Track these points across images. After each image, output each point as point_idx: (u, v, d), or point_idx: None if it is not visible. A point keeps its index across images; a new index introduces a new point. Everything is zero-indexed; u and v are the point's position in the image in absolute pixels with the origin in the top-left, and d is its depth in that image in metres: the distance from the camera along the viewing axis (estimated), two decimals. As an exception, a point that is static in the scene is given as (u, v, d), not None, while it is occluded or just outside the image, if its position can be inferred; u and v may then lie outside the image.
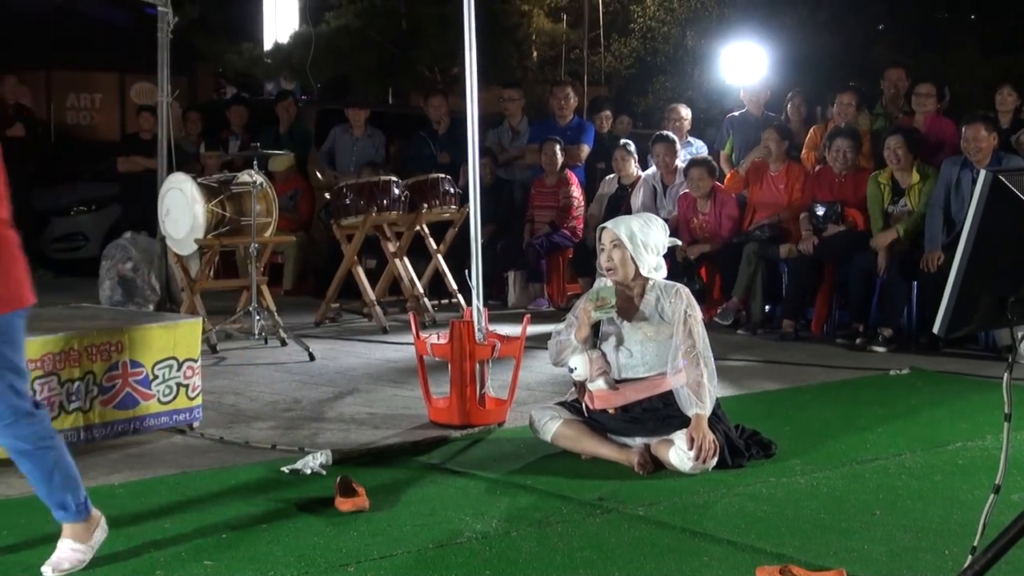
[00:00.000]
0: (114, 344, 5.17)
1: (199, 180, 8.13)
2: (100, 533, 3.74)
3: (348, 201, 9.02)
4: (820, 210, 8.79)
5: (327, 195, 10.11)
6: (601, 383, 5.08)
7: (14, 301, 3.53)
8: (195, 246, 8.08)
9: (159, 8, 9.14)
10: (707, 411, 4.90)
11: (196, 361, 5.50)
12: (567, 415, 5.18)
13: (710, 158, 9.78)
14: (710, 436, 4.84)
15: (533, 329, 6.39)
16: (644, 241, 5.06)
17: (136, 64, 15.41)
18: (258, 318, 7.96)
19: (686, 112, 10.89)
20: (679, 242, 6.09)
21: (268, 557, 3.78)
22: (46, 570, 3.61)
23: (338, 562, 3.75)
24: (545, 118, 11.51)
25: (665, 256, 5.20)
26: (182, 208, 7.98)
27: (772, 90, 10.77)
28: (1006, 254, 2.97)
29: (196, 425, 5.56)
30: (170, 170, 8.93)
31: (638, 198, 10.04)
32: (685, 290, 5.12)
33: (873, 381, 7.17)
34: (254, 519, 4.20)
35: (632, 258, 5.04)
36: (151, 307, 9.03)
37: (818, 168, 9.29)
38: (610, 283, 5.12)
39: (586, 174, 11.06)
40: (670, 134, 10.20)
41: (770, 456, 5.11)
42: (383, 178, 9.25)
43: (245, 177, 8.07)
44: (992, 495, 3.09)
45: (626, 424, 5.05)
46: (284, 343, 8.00)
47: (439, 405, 5.88)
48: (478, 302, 5.89)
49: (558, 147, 10.59)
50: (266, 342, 8.06)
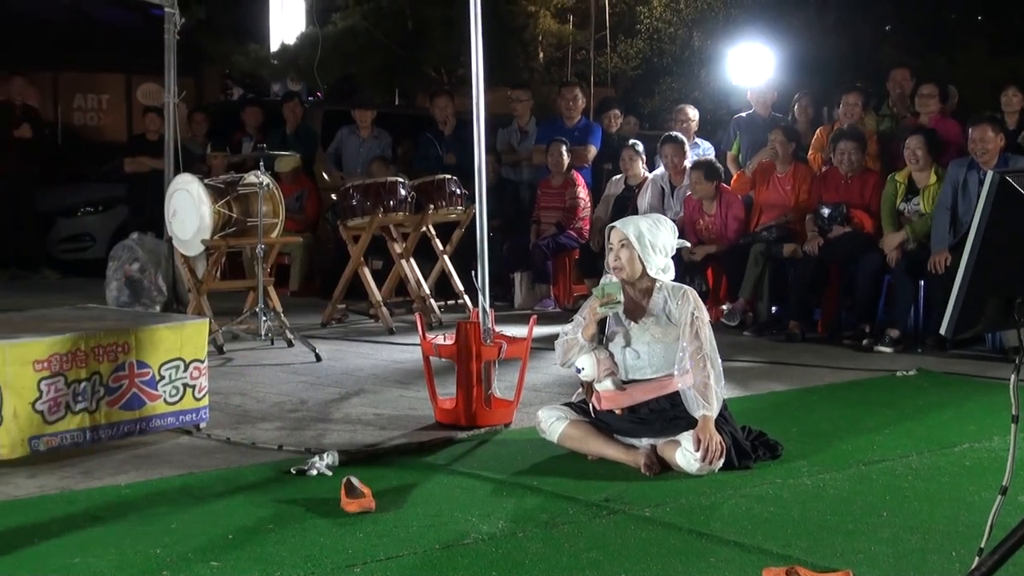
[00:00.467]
0: (121, 345, 5.18)
1: (206, 181, 8.13)
2: None
3: (354, 202, 9.02)
4: (825, 211, 8.78)
5: (333, 196, 10.13)
6: (608, 383, 5.08)
7: None
8: (202, 247, 8.09)
9: (166, 9, 9.15)
10: (714, 412, 4.89)
11: (202, 362, 5.50)
12: (574, 416, 5.17)
13: (711, 160, 9.75)
14: (716, 437, 4.84)
15: (539, 330, 6.39)
16: (652, 242, 5.05)
17: (143, 65, 15.48)
18: (264, 319, 7.96)
19: (693, 113, 10.89)
20: (687, 243, 6.07)
21: (274, 558, 3.78)
22: None
23: (344, 563, 3.75)
24: (552, 119, 11.52)
25: (673, 258, 5.20)
26: (189, 209, 7.98)
27: (779, 91, 10.76)
28: (1013, 255, 2.96)
29: (202, 426, 5.56)
30: (177, 171, 8.94)
31: (645, 199, 10.04)
32: (693, 292, 5.12)
33: (880, 382, 7.16)
34: (260, 520, 4.20)
35: (639, 258, 5.03)
36: (158, 308, 9.03)
37: (825, 169, 9.29)
38: (616, 280, 5.10)
39: (593, 175, 11.07)
40: (679, 135, 10.20)
41: (777, 457, 5.10)
42: (389, 179, 9.25)
43: (252, 178, 8.07)
44: (999, 496, 3.08)
45: (633, 425, 5.05)
46: (290, 344, 8.00)
47: (445, 406, 5.88)
48: (484, 303, 5.89)
49: (564, 148, 10.60)
50: (272, 343, 8.07)
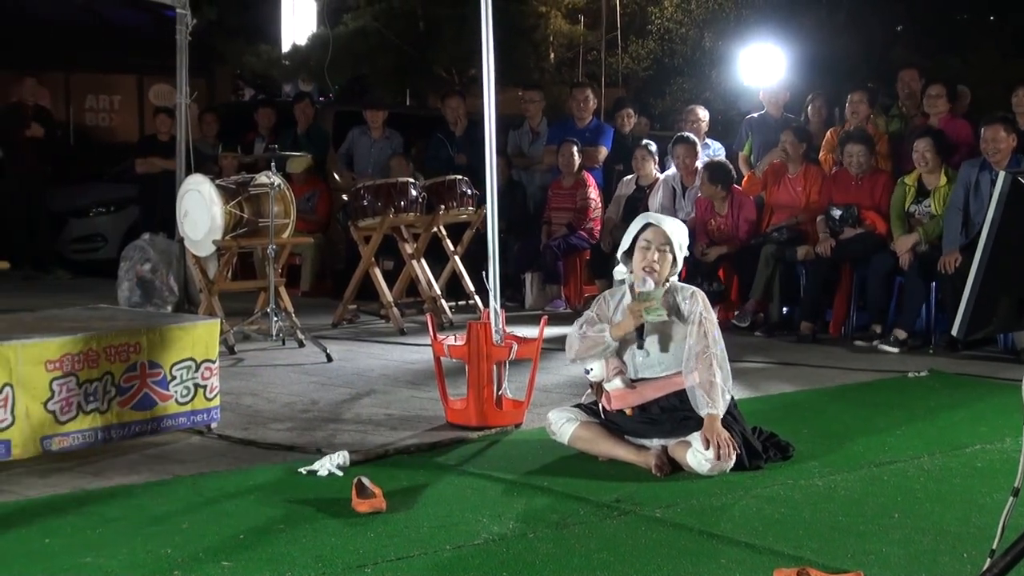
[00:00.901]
0: (132, 345, 5.19)
1: (217, 182, 8.15)
2: None
3: (366, 202, 9.03)
4: (836, 213, 8.76)
5: (345, 197, 10.13)
6: (618, 382, 5.07)
7: None
8: (213, 247, 8.09)
9: (177, 10, 9.16)
10: (719, 412, 4.88)
11: (214, 362, 5.51)
12: (584, 417, 5.17)
13: (721, 162, 9.72)
14: (724, 434, 4.83)
15: (550, 331, 6.38)
16: (682, 243, 5.08)
17: (154, 66, 15.51)
18: (276, 319, 7.97)
19: (703, 114, 10.88)
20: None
21: (285, 558, 3.79)
22: None
23: (355, 563, 3.75)
24: (563, 120, 11.52)
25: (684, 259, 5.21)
26: (200, 209, 7.99)
27: (791, 91, 10.74)
28: (1025, 256, 2.95)
29: (214, 426, 5.57)
30: (188, 172, 8.96)
31: (656, 199, 10.02)
32: (700, 293, 5.11)
33: (891, 383, 7.14)
34: (271, 520, 4.21)
35: (673, 263, 5.04)
36: (169, 308, 9.04)
37: (835, 170, 9.27)
38: (651, 283, 5.00)
39: (604, 176, 11.06)
40: (691, 135, 10.19)
41: (787, 458, 5.09)
42: (400, 179, 9.26)
43: (263, 179, 8.08)
44: (1011, 498, 3.07)
45: (643, 425, 5.04)
46: (302, 344, 8.01)
47: (456, 406, 5.88)
48: (495, 303, 5.89)
49: (575, 148, 10.60)
50: (284, 343, 8.08)
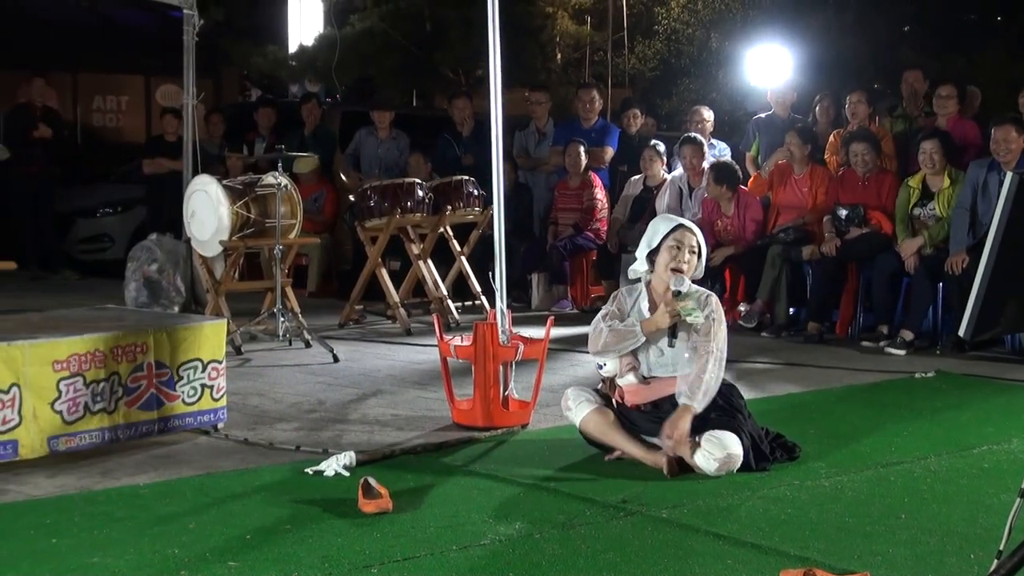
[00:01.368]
0: (139, 345, 5.19)
1: (224, 182, 8.16)
2: None
3: (372, 203, 9.04)
4: (843, 213, 8.76)
5: (351, 197, 10.14)
6: (631, 377, 5.07)
7: None
8: (220, 248, 8.10)
9: (184, 11, 9.19)
10: (695, 406, 4.86)
11: (221, 362, 5.51)
12: (602, 403, 5.13)
13: (727, 163, 9.72)
14: (683, 432, 4.82)
15: (557, 331, 6.39)
16: (704, 252, 5.15)
17: (161, 66, 15.52)
18: (282, 320, 7.97)
19: (708, 114, 10.88)
20: None
21: (292, 558, 3.79)
22: None
23: (361, 563, 3.75)
24: (569, 120, 11.52)
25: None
26: (207, 210, 8.00)
27: (798, 92, 10.74)
28: (1033, 256, 2.95)
29: (220, 426, 5.57)
30: (195, 172, 8.98)
31: (663, 200, 10.02)
32: (714, 297, 5.12)
33: (898, 384, 7.13)
34: (278, 520, 4.21)
35: (696, 268, 5.09)
36: (176, 308, 9.07)
37: (842, 171, 9.26)
38: (688, 282, 5.02)
39: (609, 176, 11.06)
40: (698, 136, 10.20)
41: (794, 459, 5.09)
42: (407, 180, 9.27)
43: (270, 179, 8.09)
44: (1018, 499, 3.07)
45: (656, 425, 5.03)
46: (308, 345, 8.01)
47: (462, 407, 5.88)
48: (502, 304, 5.89)
49: (582, 148, 10.60)
50: (290, 344, 8.08)
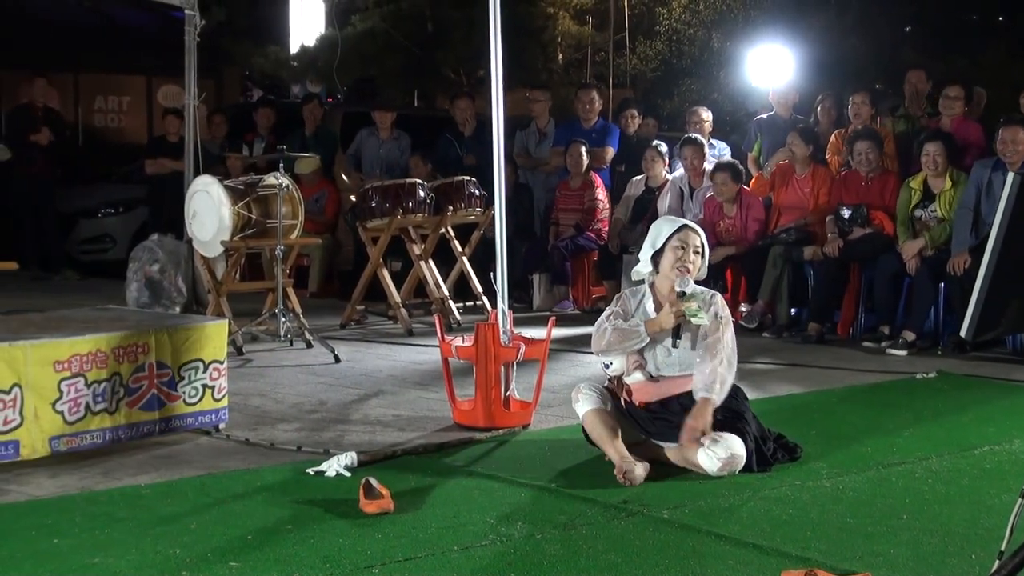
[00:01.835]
0: (141, 346, 5.19)
1: (226, 182, 8.16)
2: None
3: (374, 203, 9.04)
4: (845, 213, 8.76)
5: (353, 198, 10.14)
6: (638, 375, 5.07)
7: None
8: (221, 248, 8.10)
9: (186, 11, 9.19)
10: (715, 399, 4.87)
11: (222, 363, 5.52)
12: (601, 405, 5.05)
13: (735, 162, 9.74)
14: (705, 425, 4.83)
15: (558, 332, 6.39)
16: (706, 250, 5.15)
17: (163, 67, 15.53)
18: (284, 320, 7.98)
19: (707, 115, 10.89)
20: None
21: (293, 558, 3.79)
22: None
23: (363, 564, 3.75)
24: (570, 120, 11.52)
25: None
26: (209, 210, 8.01)
27: (800, 92, 10.74)
28: (1035, 257, 2.94)
29: (222, 426, 5.57)
30: (197, 173, 8.98)
31: (665, 201, 10.02)
32: (720, 296, 5.13)
33: (900, 384, 7.13)
34: (279, 520, 4.21)
35: (700, 268, 5.11)
36: (177, 309, 9.07)
37: (844, 171, 9.26)
38: (692, 283, 5.04)
39: (609, 177, 11.06)
40: (699, 137, 10.20)
41: (795, 459, 5.09)
42: (408, 180, 9.28)
43: (271, 179, 8.09)
44: (1020, 499, 3.07)
45: (663, 424, 5.02)
46: (309, 345, 8.01)
47: (464, 407, 5.89)
48: (503, 304, 5.89)
49: (584, 149, 10.60)
50: (291, 344, 8.08)
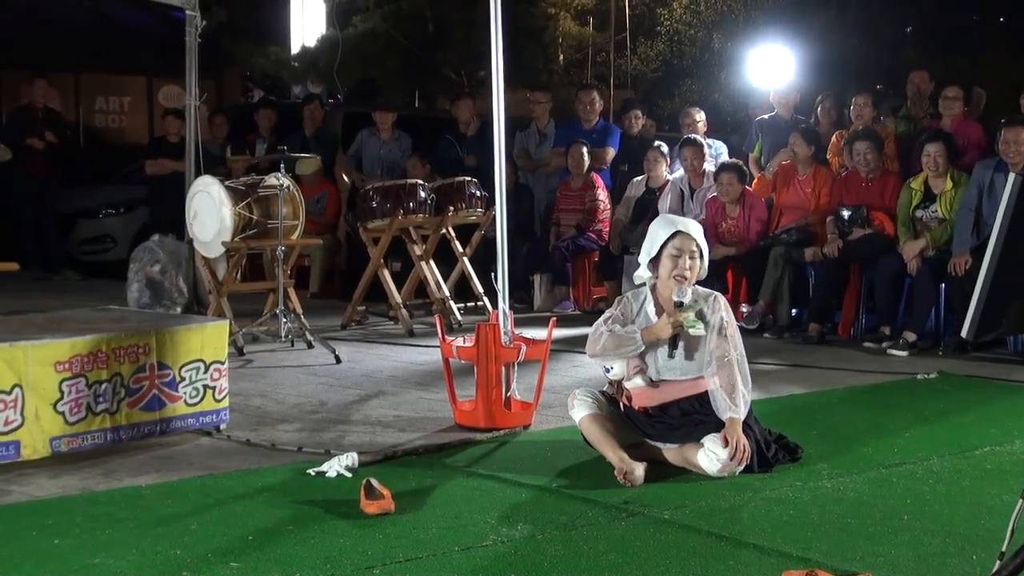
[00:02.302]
0: (142, 346, 5.19)
1: (226, 183, 8.16)
2: None
3: (374, 204, 9.04)
4: (845, 213, 8.75)
5: (345, 176, 10.11)
6: (638, 380, 5.06)
7: None
8: (222, 248, 8.11)
9: (187, 12, 9.19)
10: (741, 415, 4.87)
11: (223, 363, 5.52)
12: (596, 410, 5.06)
13: (740, 163, 9.73)
14: (744, 440, 4.82)
15: (559, 332, 6.39)
16: (706, 251, 5.09)
17: (164, 67, 15.53)
18: (284, 320, 7.98)
19: (700, 115, 10.91)
20: None
21: (294, 559, 3.79)
22: None
23: (363, 564, 3.75)
24: (571, 121, 11.52)
25: None
26: (210, 211, 8.01)
27: (801, 93, 10.74)
28: (1036, 258, 2.94)
29: (223, 427, 5.58)
30: (198, 173, 8.98)
31: (666, 202, 10.02)
32: (723, 298, 5.10)
33: (900, 385, 7.13)
34: (280, 521, 4.21)
35: (700, 270, 5.05)
36: (178, 309, 9.07)
37: (845, 172, 9.26)
38: (690, 293, 4.98)
39: (611, 177, 11.06)
40: (698, 138, 10.20)
41: (796, 460, 5.09)
42: (409, 181, 9.28)
43: (272, 180, 8.09)
44: (1020, 500, 3.06)
45: (662, 430, 5.02)
46: (310, 345, 8.01)
47: (465, 408, 5.89)
48: (504, 305, 5.89)
49: (585, 149, 10.60)
50: (292, 344, 8.08)
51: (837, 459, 5.17)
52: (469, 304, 9.92)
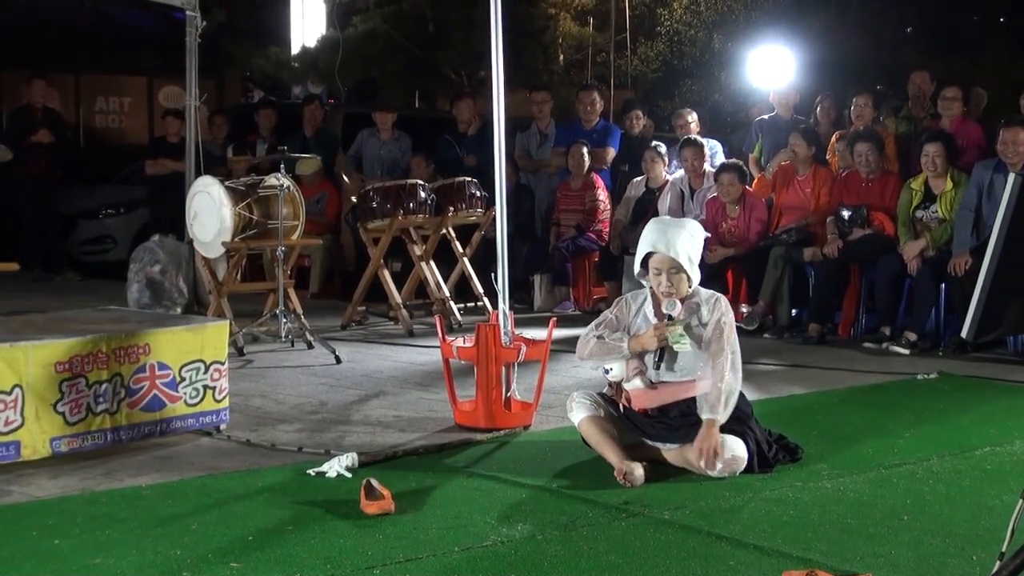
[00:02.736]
0: (141, 347, 5.20)
1: (227, 183, 8.16)
2: None
3: (375, 204, 9.04)
4: (845, 213, 8.76)
5: (353, 198, 10.13)
6: (638, 382, 5.06)
7: None
8: (222, 249, 8.11)
9: (187, 12, 9.19)
10: (719, 418, 4.84)
11: (223, 363, 5.52)
12: (595, 412, 5.07)
13: (741, 163, 9.72)
14: (714, 444, 4.81)
15: (559, 332, 6.39)
16: (693, 257, 5.00)
17: (164, 68, 15.54)
18: (285, 321, 7.98)
19: (692, 116, 10.95)
20: (707, 234, 6.01)
21: (294, 559, 3.79)
22: None
23: (363, 565, 3.75)
24: (571, 121, 11.52)
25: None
26: (210, 211, 8.01)
27: (801, 93, 10.74)
28: (1036, 258, 2.94)
29: (223, 427, 5.58)
30: (198, 173, 8.98)
31: (665, 202, 10.02)
32: (724, 300, 5.08)
33: (901, 385, 7.13)
34: (280, 521, 4.21)
35: (688, 277, 4.98)
36: (178, 310, 9.07)
37: (845, 172, 9.26)
38: (679, 307, 4.95)
39: (611, 177, 11.06)
40: (698, 138, 10.20)
41: (796, 460, 5.09)
42: (409, 181, 9.28)
43: (272, 180, 8.10)
44: (1020, 500, 3.06)
45: (661, 430, 5.02)
46: (310, 346, 8.01)
47: (465, 408, 5.89)
48: (504, 305, 5.89)
49: (585, 149, 10.60)
50: (292, 345, 8.08)
51: (837, 459, 5.17)
52: (469, 304, 9.92)
